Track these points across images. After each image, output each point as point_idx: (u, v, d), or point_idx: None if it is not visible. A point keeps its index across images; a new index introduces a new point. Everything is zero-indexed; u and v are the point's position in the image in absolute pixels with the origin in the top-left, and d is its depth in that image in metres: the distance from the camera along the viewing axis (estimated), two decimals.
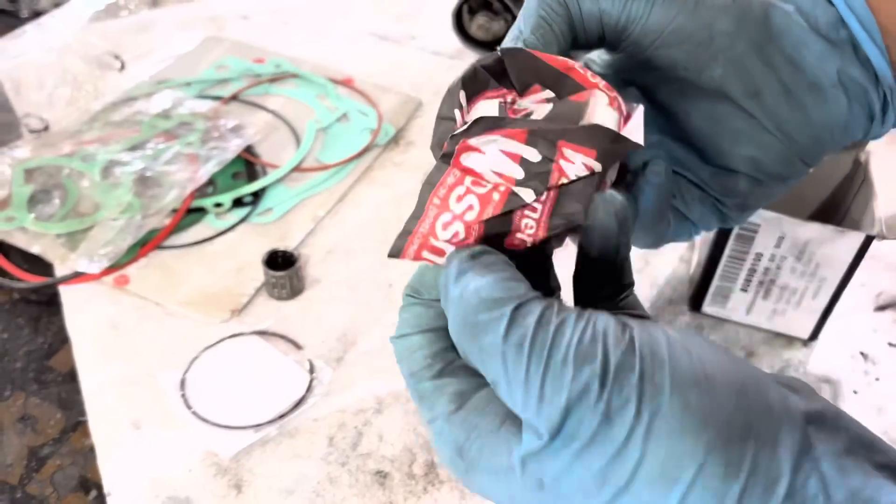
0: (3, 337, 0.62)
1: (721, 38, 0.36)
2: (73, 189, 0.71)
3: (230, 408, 0.57)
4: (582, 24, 0.37)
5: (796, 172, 0.38)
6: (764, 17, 0.36)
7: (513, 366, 0.26)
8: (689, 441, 0.24)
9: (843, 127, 0.37)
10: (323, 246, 0.70)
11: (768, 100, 0.36)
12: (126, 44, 0.89)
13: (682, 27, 0.36)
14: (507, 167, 0.30)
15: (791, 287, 0.59)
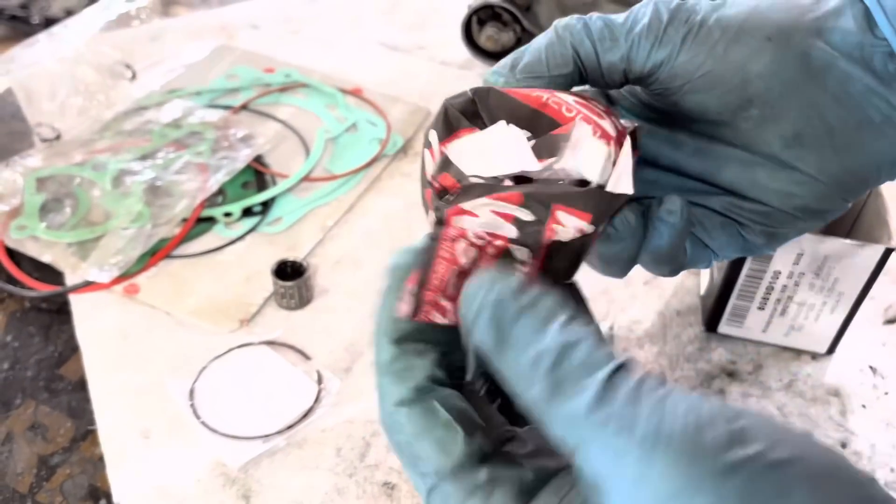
0: (15, 345, 0.63)
1: (756, 82, 0.34)
2: (84, 198, 0.72)
3: (239, 418, 0.57)
4: (600, 72, 0.35)
5: (837, 208, 0.37)
6: (804, 56, 0.34)
7: (601, 449, 0.23)
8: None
9: (892, 162, 0.35)
10: (332, 256, 0.70)
11: (810, 142, 0.34)
12: (137, 53, 0.90)
13: (712, 73, 0.34)
14: (500, 227, 0.30)
15: (809, 303, 0.59)
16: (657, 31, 0.34)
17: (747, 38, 0.34)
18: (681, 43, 0.34)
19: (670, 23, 0.34)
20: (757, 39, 0.34)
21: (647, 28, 0.35)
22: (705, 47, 0.34)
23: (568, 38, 0.35)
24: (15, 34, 2.92)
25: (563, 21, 0.36)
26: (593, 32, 0.35)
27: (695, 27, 0.34)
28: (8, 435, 0.57)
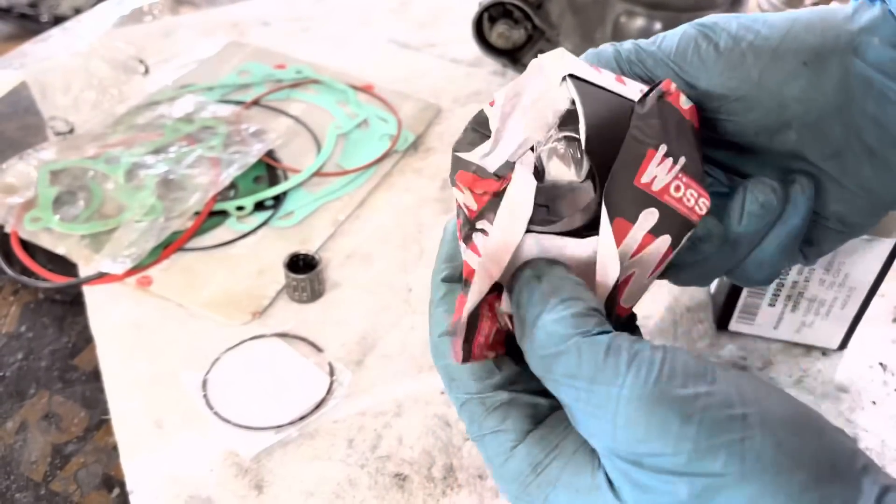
0: (29, 336, 0.63)
1: (794, 106, 0.34)
2: (97, 191, 0.72)
3: (251, 409, 0.57)
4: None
5: (871, 223, 0.37)
6: (843, 78, 0.33)
7: (582, 399, 0.27)
8: (783, 480, 0.25)
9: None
10: (343, 250, 0.71)
11: (850, 161, 0.34)
12: (150, 48, 0.91)
13: (747, 97, 0.34)
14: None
15: (819, 298, 0.59)
16: (689, 55, 0.34)
17: (782, 62, 0.34)
18: (713, 67, 0.34)
19: (701, 46, 0.34)
20: (792, 64, 0.34)
21: (677, 51, 0.35)
22: (739, 72, 0.34)
23: (596, 62, 0.36)
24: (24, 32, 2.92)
25: (594, 49, 0.37)
26: (622, 55, 0.36)
27: (727, 51, 0.34)
28: (22, 424, 0.57)
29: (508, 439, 0.31)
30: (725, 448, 0.25)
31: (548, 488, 0.29)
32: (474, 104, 0.88)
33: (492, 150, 0.32)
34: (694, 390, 0.26)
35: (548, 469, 0.29)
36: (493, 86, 0.90)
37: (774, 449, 0.25)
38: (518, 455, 0.30)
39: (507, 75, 0.91)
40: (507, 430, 0.31)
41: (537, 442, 0.30)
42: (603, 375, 0.27)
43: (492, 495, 0.54)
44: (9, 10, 2.70)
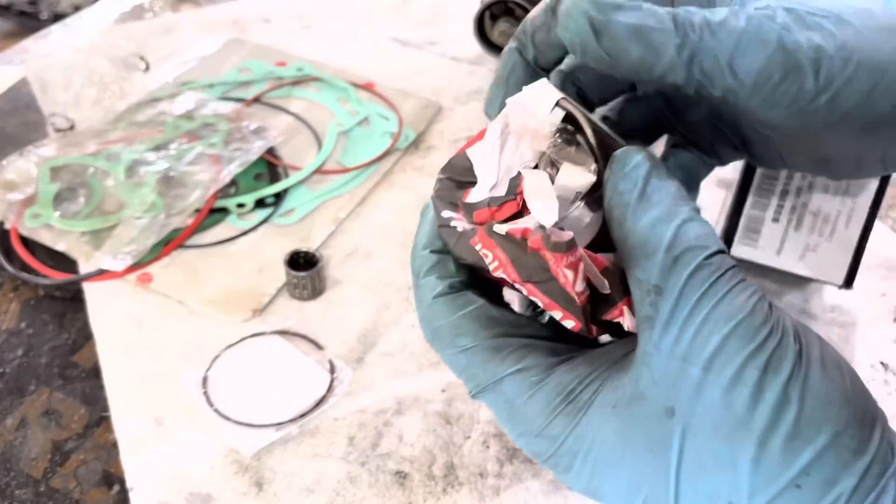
0: (29, 332, 0.63)
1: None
2: (97, 188, 0.72)
3: (252, 406, 0.57)
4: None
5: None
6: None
7: (691, 286, 0.28)
8: (831, 410, 0.27)
9: None
10: (344, 248, 0.71)
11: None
12: (150, 45, 0.90)
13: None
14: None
15: (823, 213, 0.58)
16: (764, 90, 0.33)
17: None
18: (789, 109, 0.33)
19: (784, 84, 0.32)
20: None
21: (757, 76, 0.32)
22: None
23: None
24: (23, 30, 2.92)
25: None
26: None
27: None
28: (22, 421, 0.57)
29: (533, 376, 0.30)
30: (789, 368, 0.27)
31: (578, 414, 0.29)
32: (475, 102, 0.87)
33: (498, 180, 0.32)
34: (780, 317, 0.28)
35: (581, 394, 0.29)
36: None
37: (829, 384, 0.27)
38: (546, 387, 0.29)
39: None
40: (531, 367, 0.30)
41: (569, 371, 0.29)
42: (723, 278, 0.28)
43: (492, 493, 0.54)
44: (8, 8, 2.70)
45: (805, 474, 0.26)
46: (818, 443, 0.26)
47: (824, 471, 0.26)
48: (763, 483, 0.26)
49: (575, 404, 0.29)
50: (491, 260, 0.31)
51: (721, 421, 0.27)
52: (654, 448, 0.28)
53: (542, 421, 0.29)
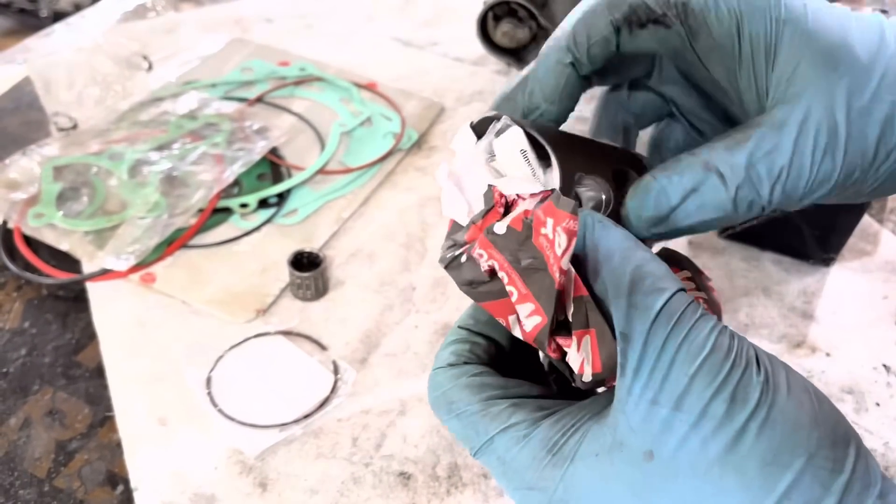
0: (32, 332, 0.63)
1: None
2: (101, 187, 0.72)
3: (255, 407, 0.57)
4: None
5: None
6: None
7: (655, 329, 0.29)
8: (802, 434, 0.27)
9: None
10: (347, 248, 0.71)
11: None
12: (153, 45, 0.90)
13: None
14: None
15: None
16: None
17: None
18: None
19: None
20: None
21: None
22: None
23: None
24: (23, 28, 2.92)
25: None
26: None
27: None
28: (26, 420, 0.57)
29: (520, 431, 0.31)
30: (756, 397, 0.27)
31: (564, 464, 0.30)
32: (477, 103, 0.88)
33: (470, 206, 0.34)
34: (742, 348, 0.29)
35: (565, 445, 0.30)
36: (497, 85, 0.90)
37: (797, 408, 0.28)
38: (532, 441, 0.31)
39: (511, 74, 0.91)
40: (518, 423, 0.31)
41: (552, 425, 0.31)
42: (683, 317, 0.29)
43: (496, 494, 0.54)
44: (8, 6, 2.70)
45: (787, 498, 0.27)
46: (794, 467, 0.27)
47: (805, 493, 0.27)
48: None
49: (560, 455, 0.30)
50: (486, 259, 0.32)
51: (697, 459, 0.27)
52: (639, 493, 0.28)
53: (532, 474, 0.30)
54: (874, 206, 0.77)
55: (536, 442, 0.30)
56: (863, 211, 0.66)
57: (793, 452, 0.27)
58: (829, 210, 0.66)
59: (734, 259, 0.70)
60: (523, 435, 0.31)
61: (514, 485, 0.31)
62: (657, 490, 0.28)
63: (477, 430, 0.32)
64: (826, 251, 0.69)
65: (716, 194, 0.33)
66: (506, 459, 0.31)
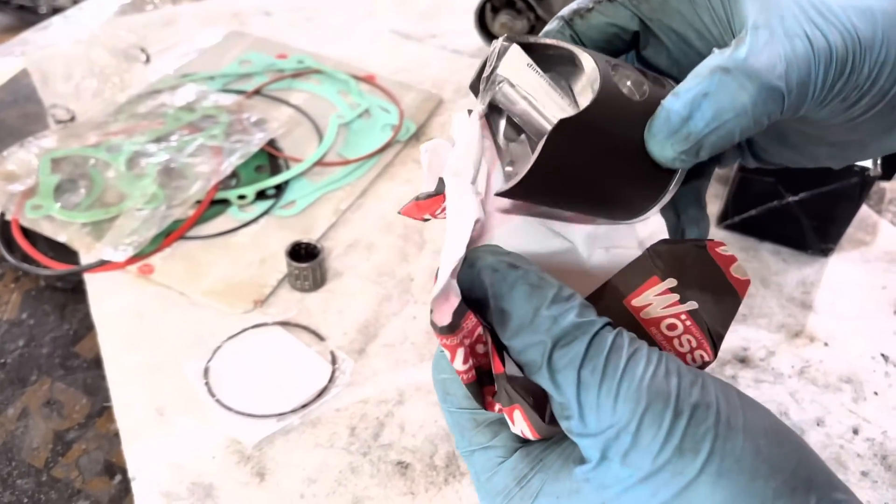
0: (30, 323, 0.63)
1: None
2: (98, 179, 0.72)
3: (253, 397, 0.57)
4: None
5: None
6: None
7: (585, 390, 0.27)
8: (759, 485, 0.26)
9: None
10: (345, 239, 0.71)
11: None
12: (151, 37, 0.90)
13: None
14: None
15: None
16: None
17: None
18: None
19: None
20: None
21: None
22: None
23: None
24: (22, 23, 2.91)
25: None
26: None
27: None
28: (24, 411, 0.57)
29: (497, 455, 0.32)
30: (708, 446, 0.26)
31: (530, 500, 0.30)
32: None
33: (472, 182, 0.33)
34: (687, 389, 0.27)
35: (531, 482, 0.31)
36: None
37: (753, 455, 0.26)
38: (504, 469, 0.32)
39: None
40: (497, 447, 0.32)
41: (523, 458, 0.31)
42: (609, 367, 0.27)
43: None
44: (7, 2, 2.70)
45: None
46: None
47: None
48: None
49: (526, 490, 0.30)
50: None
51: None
52: None
53: (500, 501, 0.31)
54: (873, 197, 0.77)
55: (507, 472, 0.31)
56: (861, 201, 0.66)
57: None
58: (828, 200, 0.66)
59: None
60: (498, 462, 0.32)
61: (486, 502, 0.33)
62: None
63: (463, 436, 0.33)
64: (824, 241, 0.69)
65: (727, 91, 0.32)
66: (480, 479, 0.33)
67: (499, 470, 0.32)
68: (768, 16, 0.34)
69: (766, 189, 0.68)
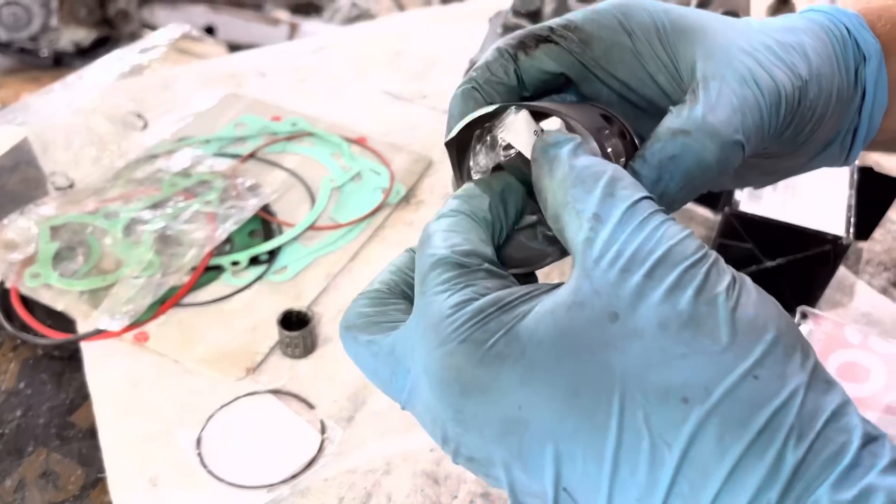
0: (28, 392, 0.65)
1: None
2: (96, 246, 0.74)
3: (245, 467, 0.59)
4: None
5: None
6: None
7: (629, 226, 0.29)
8: (771, 314, 0.28)
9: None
10: (335, 304, 0.72)
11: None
12: (149, 101, 0.93)
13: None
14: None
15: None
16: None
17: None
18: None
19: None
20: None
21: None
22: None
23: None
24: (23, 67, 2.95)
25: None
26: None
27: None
28: (20, 482, 0.59)
29: (478, 292, 0.29)
30: (727, 278, 0.28)
31: (513, 320, 0.28)
32: None
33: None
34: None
35: (516, 304, 0.29)
36: None
37: (759, 295, 0.29)
38: (483, 300, 0.29)
39: None
40: (479, 287, 0.30)
41: (508, 291, 0.30)
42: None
43: None
44: (9, 45, 2.74)
45: (760, 366, 0.26)
46: (766, 339, 0.27)
47: (777, 365, 0.26)
48: (719, 375, 0.26)
49: (510, 312, 0.28)
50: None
51: (668, 319, 0.27)
52: (595, 349, 0.27)
53: (470, 326, 0.28)
54: (850, 257, 0.79)
55: (489, 299, 0.29)
56: (835, 267, 0.68)
57: (765, 327, 0.27)
58: (803, 265, 0.68)
59: None
60: (471, 297, 0.29)
61: (442, 338, 0.29)
62: (617, 349, 0.27)
63: (439, 276, 0.30)
64: (803, 303, 0.71)
65: (691, 153, 0.34)
66: (445, 312, 0.29)
67: (474, 302, 0.29)
68: (716, 64, 0.36)
69: (744, 254, 0.70)
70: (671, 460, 0.26)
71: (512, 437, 0.28)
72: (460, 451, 0.30)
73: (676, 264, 0.28)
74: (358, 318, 0.34)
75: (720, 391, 0.26)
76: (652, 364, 0.27)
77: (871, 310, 0.73)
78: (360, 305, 0.34)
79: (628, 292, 0.27)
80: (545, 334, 0.28)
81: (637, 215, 0.29)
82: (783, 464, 0.25)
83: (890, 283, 0.76)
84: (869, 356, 0.65)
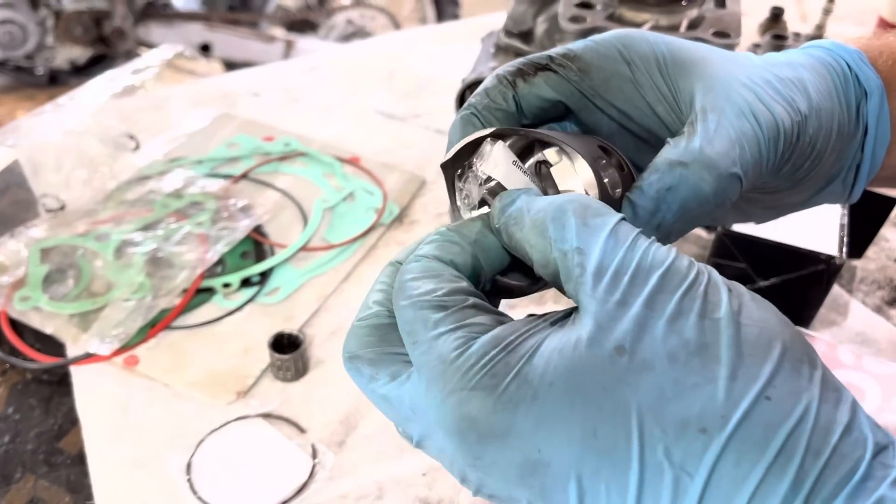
0: (16, 418, 0.64)
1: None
2: (86, 269, 0.74)
3: (235, 493, 0.58)
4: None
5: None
6: None
7: (613, 256, 0.29)
8: (775, 328, 0.28)
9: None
10: (327, 326, 0.72)
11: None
12: (141, 122, 0.93)
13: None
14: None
15: None
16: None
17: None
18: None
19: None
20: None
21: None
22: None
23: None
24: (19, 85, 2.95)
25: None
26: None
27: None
28: None
29: (473, 332, 0.29)
30: (725, 298, 0.28)
31: (520, 361, 0.28)
32: None
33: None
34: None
35: (521, 344, 0.28)
36: None
37: (759, 308, 0.28)
38: (482, 341, 0.28)
39: None
40: (474, 325, 0.29)
41: (505, 329, 0.29)
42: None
43: None
44: (4, 63, 2.74)
45: (771, 385, 0.26)
46: (774, 356, 0.27)
47: (787, 382, 0.27)
48: (733, 401, 0.26)
49: (515, 353, 0.28)
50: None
51: (675, 350, 0.27)
52: (607, 386, 0.27)
53: (476, 373, 0.28)
54: (844, 276, 0.79)
55: (489, 339, 0.28)
56: (829, 286, 0.68)
57: (770, 343, 0.27)
58: (797, 284, 0.68)
59: None
60: (473, 337, 0.29)
61: (451, 387, 0.28)
62: (630, 385, 0.27)
63: (425, 323, 0.30)
64: (797, 323, 0.71)
65: (688, 185, 0.34)
66: (447, 359, 0.29)
67: (474, 343, 0.28)
68: (715, 97, 0.36)
69: (737, 274, 0.70)
70: (694, 491, 0.26)
71: (534, 478, 0.28)
72: (482, 490, 0.30)
73: (674, 289, 0.28)
74: (360, 347, 0.33)
75: (736, 418, 0.26)
76: (666, 397, 0.27)
77: (866, 329, 0.73)
78: (362, 333, 0.34)
79: (630, 323, 0.27)
80: (555, 375, 0.27)
81: (621, 242, 0.29)
82: (802, 483, 0.26)
83: (884, 302, 0.76)
84: (863, 377, 0.65)
